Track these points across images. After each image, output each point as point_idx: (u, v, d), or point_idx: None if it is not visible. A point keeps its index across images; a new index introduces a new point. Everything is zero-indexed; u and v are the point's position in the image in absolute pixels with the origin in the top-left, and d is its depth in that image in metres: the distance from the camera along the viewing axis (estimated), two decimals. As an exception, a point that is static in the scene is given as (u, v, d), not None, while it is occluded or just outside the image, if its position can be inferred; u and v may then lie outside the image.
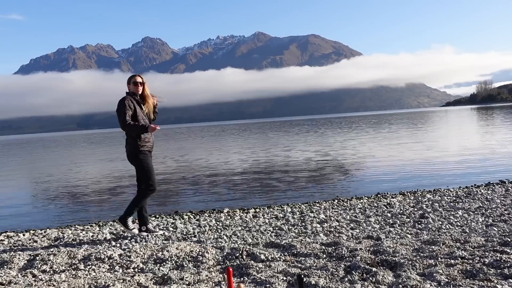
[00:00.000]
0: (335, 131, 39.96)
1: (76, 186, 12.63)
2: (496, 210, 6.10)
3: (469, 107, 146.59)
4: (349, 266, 3.65)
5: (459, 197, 7.25)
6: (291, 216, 6.40)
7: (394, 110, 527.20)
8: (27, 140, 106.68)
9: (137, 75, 5.50)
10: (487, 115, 58.02)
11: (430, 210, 6.28)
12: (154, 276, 3.68)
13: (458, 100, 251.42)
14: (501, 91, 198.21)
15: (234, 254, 4.15)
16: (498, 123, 34.28)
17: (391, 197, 7.67)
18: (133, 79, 5.41)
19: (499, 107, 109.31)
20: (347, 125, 56.83)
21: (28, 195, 12.05)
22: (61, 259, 4.18)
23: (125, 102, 5.20)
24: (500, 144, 17.31)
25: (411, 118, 69.02)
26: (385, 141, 23.05)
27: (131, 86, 5.40)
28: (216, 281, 3.53)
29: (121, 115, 5.10)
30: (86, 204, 9.56)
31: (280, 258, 4.02)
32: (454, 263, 3.63)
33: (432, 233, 5.02)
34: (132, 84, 5.38)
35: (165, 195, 10.06)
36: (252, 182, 11.38)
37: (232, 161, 17.23)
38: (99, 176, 14.91)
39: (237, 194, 9.57)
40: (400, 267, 3.59)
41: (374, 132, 34.27)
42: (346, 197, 8.05)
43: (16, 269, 4.05)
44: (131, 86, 5.40)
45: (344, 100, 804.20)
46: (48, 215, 8.53)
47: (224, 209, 7.45)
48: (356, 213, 6.42)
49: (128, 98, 5.29)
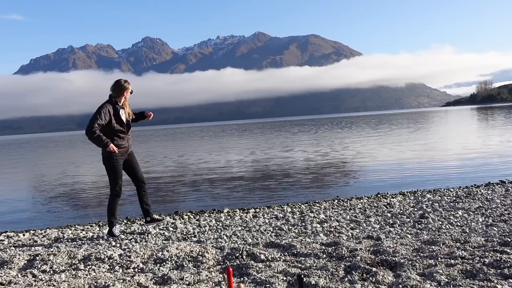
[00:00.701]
0: (335, 131, 39.96)
1: (76, 186, 12.63)
2: (496, 210, 6.10)
3: (469, 107, 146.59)
4: (349, 266, 3.65)
5: (459, 197, 7.25)
6: (291, 216, 6.40)
7: (394, 110, 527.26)
8: (27, 140, 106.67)
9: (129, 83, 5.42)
10: (487, 115, 58.02)
11: (430, 210, 6.28)
12: (154, 276, 3.68)
13: (458, 100, 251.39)
14: (501, 91, 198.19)
15: (234, 254, 4.15)
16: (498, 123, 34.28)
17: (391, 197, 7.67)
18: (129, 87, 5.37)
19: (499, 107, 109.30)
20: (347, 125, 56.83)
21: (28, 195, 12.05)
22: (61, 259, 4.18)
23: (102, 110, 5.14)
24: (500, 144, 17.32)
25: (411, 118, 69.02)
26: (385, 141, 23.05)
27: (126, 94, 5.36)
28: (216, 281, 3.53)
29: (92, 120, 5.08)
30: (86, 204, 9.57)
31: (280, 258, 4.02)
32: (454, 263, 3.62)
33: (432, 233, 5.02)
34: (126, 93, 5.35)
35: (165, 195, 10.06)
36: (252, 182, 11.38)
37: (232, 161, 17.23)
38: (99, 176, 14.91)
39: (237, 194, 9.56)
40: (400, 267, 3.59)
41: (374, 132, 34.27)
42: (346, 197, 8.04)
43: (16, 269, 4.05)
44: (127, 94, 5.36)
45: (344, 100, 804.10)
46: (48, 215, 8.53)
47: (224, 209, 7.45)
48: (356, 213, 6.42)
49: (107, 106, 5.21)
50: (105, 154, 5.27)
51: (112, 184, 5.38)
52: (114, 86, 5.31)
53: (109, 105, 5.23)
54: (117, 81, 5.36)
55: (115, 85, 5.32)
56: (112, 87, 5.31)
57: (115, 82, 5.37)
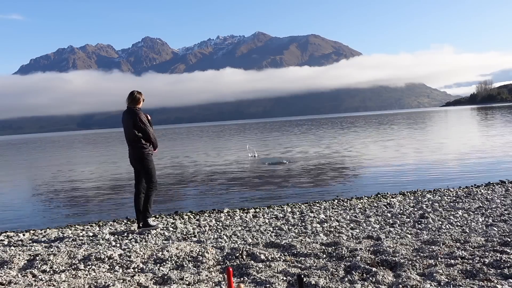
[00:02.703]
0: (335, 131, 39.95)
1: (76, 186, 12.63)
2: (496, 210, 6.10)
3: (469, 107, 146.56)
4: (349, 266, 3.65)
5: (459, 197, 7.25)
6: (291, 216, 6.40)
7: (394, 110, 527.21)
8: (27, 140, 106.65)
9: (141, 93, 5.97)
10: (487, 115, 58.01)
11: (430, 210, 6.28)
12: (154, 276, 3.68)
13: (458, 100, 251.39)
14: (501, 91, 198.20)
15: (234, 254, 4.15)
16: (498, 123, 34.27)
17: (391, 197, 7.67)
18: (142, 96, 5.93)
19: (499, 107, 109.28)
20: (347, 125, 56.81)
21: (28, 195, 12.05)
22: (61, 259, 4.18)
23: (145, 119, 5.81)
24: (500, 144, 17.31)
25: (411, 118, 69.00)
26: (385, 141, 23.04)
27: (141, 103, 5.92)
28: (216, 281, 3.53)
29: (151, 133, 5.85)
30: (86, 204, 9.57)
31: (280, 258, 4.02)
32: (454, 263, 3.62)
33: (432, 233, 5.02)
34: (142, 101, 5.91)
35: (165, 195, 10.06)
36: (252, 182, 11.37)
37: (232, 161, 17.23)
38: (99, 176, 14.91)
39: (237, 194, 9.56)
40: (400, 267, 3.59)
41: (374, 132, 34.26)
42: (346, 197, 8.05)
43: (16, 269, 4.05)
44: (141, 102, 5.92)
45: (344, 100, 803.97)
46: (48, 215, 8.53)
47: (224, 209, 7.45)
48: (356, 213, 6.42)
49: (142, 115, 5.85)
50: (141, 154, 5.82)
51: (153, 179, 5.92)
52: (130, 98, 5.84)
53: (141, 113, 5.84)
54: (131, 93, 5.88)
55: (131, 97, 5.84)
56: (128, 99, 5.83)
57: (130, 94, 5.87)
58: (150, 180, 5.88)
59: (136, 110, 5.79)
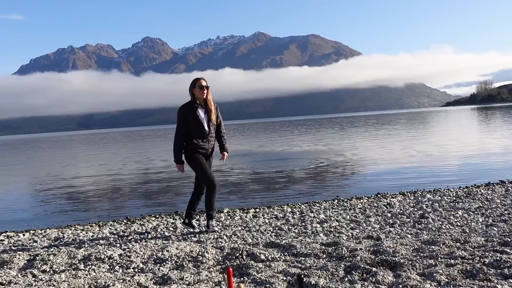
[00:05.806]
0: (335, 131, 39.95)
1: (76, 186, 12.63)
2: (496, 210, 6.10)
3: (469, 107, 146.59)
4: (349, 266, 3.65)
5: (459, 197, 7.25)
6: (291, 216, 6.40)
7: (394, 110, 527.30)
8: (27, 140, 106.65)
9: (202, 78, 5.06)
10: (487, 115, 58.02)
11: (430, 210, 6.28)
12: (154, 276, 3.68)
13: (458, 100, 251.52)
14: (501, 91, 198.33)
15: (234, 254, 4.15)
16: (498, 123, 34.28)
17: (391, 197, 7.67)
18: (198, 82, 5.01)
19: (499, 107, 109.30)
20: (347, 125, 56.82)
21: (28, 195, 12.05)
22: (61, 259, 4.18)
23: (178, 114, 5.03)
24: (500, 144, 17.32)
25: (411, 118, 69.01)
26: (385, 141, 23.05)
27: (197, 90, 5.01)
28: (216, 281, 3.53)
29: (177, 127, 5.08)
30: (86, 204, 9.56)
31: (280, 258, 4.02)
32: (454, 263, 3.62)
33: (432, 233, 5.02)
34: (197, 88, 5.00)
35: (165, 195, 10.06)
36: (252, 182, 11.38)
37: (231, 161, 17.23)
38: (99, 176, 14.91)
39: (237, 194, 9.56)
40: (400, 267, 3.59)
41: (374, 132, 34.27)
42: (346, 197, 8.04)
43: (16, 269, 4.05)
44: (197, 90, 5.01)
45: (344, 100, 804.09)
46: (48, 215, 8.53)
47: (224, 209, 7.44)
48: (356, 213, 6.42)
49: (182, 107, 5.05)
50: (185, 153, 5.18)
51: (202, 178, 5.23)
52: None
53: (185, 105, 5.08)
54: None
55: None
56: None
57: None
58: (203, 181, 5.36)
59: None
